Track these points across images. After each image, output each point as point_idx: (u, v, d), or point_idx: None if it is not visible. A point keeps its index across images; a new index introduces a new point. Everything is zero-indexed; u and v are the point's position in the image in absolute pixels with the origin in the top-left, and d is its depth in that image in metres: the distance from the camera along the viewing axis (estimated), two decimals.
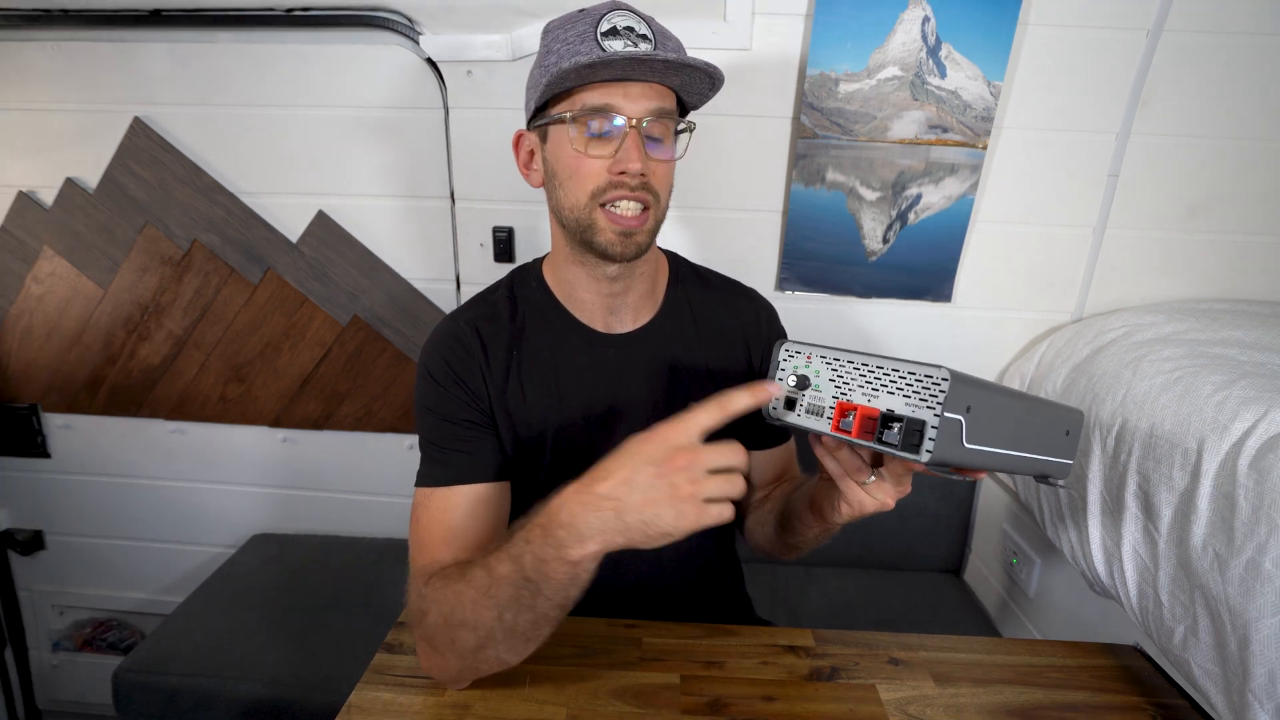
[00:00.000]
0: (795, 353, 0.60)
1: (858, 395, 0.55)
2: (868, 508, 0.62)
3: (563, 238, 0.77)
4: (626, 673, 0.73)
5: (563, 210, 0.73)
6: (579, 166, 0.70)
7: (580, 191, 0.70)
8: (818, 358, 0.59)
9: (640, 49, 0.67)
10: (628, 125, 0.68)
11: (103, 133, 1.34)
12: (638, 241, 0.72)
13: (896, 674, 0.75)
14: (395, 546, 1.55)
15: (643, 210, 0.71)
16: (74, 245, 1.43)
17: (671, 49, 0.70)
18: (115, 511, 1.63)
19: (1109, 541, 0.95)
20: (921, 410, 0.51)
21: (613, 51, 0.64)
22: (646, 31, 0.69)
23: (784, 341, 0.61)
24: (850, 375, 0.56)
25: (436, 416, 0.76)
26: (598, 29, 0.67)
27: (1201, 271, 1.28)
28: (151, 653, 1.21)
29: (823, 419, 0.57)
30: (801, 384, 0.59)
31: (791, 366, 0.60)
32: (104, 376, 1.51)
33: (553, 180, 0.74)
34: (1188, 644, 0.78)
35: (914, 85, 1.18)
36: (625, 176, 0.69)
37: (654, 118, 0.69)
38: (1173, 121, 1.19)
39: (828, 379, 0.58)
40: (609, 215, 0.70)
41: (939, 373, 0.51)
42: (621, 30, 0.68)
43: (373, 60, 1.27)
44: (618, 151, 0.68)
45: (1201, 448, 0.80)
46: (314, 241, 1.39)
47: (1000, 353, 1.37)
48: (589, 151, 0.69)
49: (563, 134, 0.70)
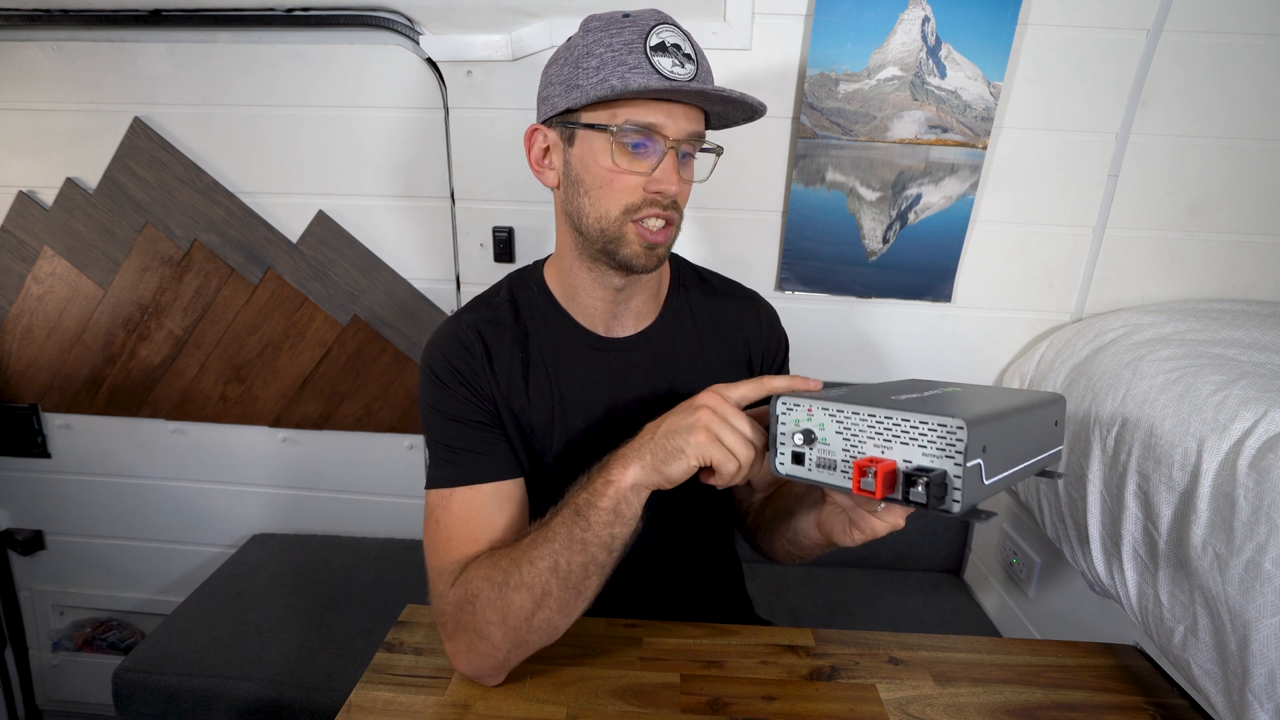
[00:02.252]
0: (793, 406, 0.58)
1: (869, 447, 0.53)
2: (879, 531, 0.62)
3: (573, 242, 0.76)
4: (627, 672, 0.74)
5: (585, 217, 0.72)
6: (614, 180, 0.69)
7: (612, 204, 0.70)
8: (819, 410, 0.56)
9: (685, 70, 0.67)
10: (667, 146, 0.68)
11: (103, 133, 1.34)
12: (659, 255, 0.73)
13: (896, 673, 0.75)
14: (395, 546, 1.55)
15: (666, 225, 0.72)
16: (74, 245, 1.42)
17: (706, 68, 0.71)
18: (115, 511, 1.63)
19: (1109, 541, 0.95)
20: (941, 460, 0.50)
21: (672, 76, 0.66)
22: (690, 51, 0.68)
23: (778, 397, 0.59)
24: (858, 428, 0.54)
25: (445, 417, 0.75)
26: (647, 42, 0.66)
27: (1201, 271, 1.28)
28: (151, 653, 1.21)
29: (837, 473, 0.56)
30: (808, 439, 0.57)
31: (793, 420, 0.58)
32: (104, 376, 1.51)
33: (576, 186, 0.72)
34: (1187, 644, 0.78)
35: (914, 85, 1.18)
36: (660, 195, 0.69)
37: (691, 139, 0.70)
38: (1172, 121, 1.19)
39: (834, 431, 0.56)
40: (639, 229, 0.70)
41: (954, 422, 0.49)
42: (670, 47, 0.67)
43: (373, 60, 1.27)
44: (655, 170, 0.69)
45: (1201, 448, 0.80)
46: (314, 241, 1.39)
47: (1000, 353, 1.37)
48: (628, 166, 0.69)
49: (597, 143, 0.69)
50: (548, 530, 0.64)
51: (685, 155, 0.72)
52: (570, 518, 0.62)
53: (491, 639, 0.66)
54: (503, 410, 0.77)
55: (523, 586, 0.63)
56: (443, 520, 0.72)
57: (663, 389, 0.81)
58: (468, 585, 0.66)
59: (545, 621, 0.65)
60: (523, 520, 0.76)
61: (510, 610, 0.64)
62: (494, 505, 0.73)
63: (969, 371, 1.38)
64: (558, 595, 0.63)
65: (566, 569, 0.63)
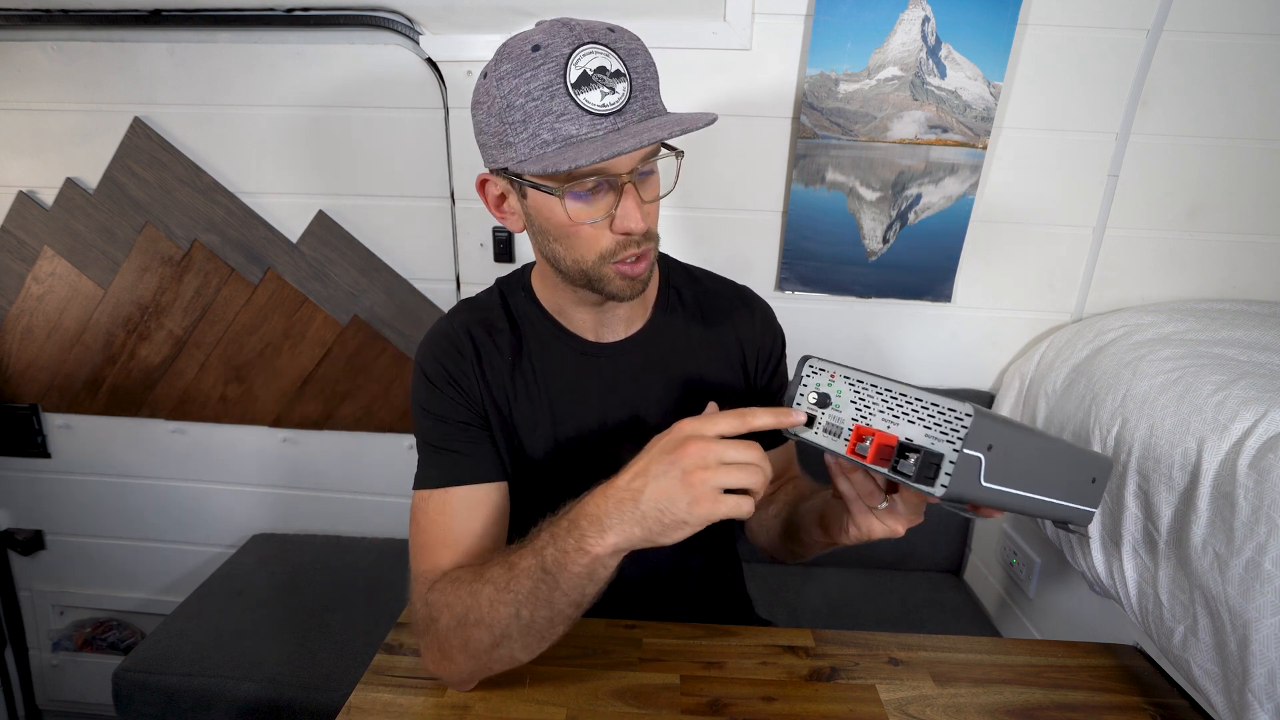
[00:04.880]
0: (819, 369, 0.59)
1: (877, 420, 0.54)
2: (876, 533, 0.61)
3: (552, 271, 0.73)
4: (626, 673, 0.74)
5: (561, 261, 0.69)
6: (578, 232, 0.66)
7: (585, 252, 0.67)
8: (841, 377, 0.58)
9: (617, 94, 0.60)
10: (622, 182, 0.63)
11: (103, 133, 1.34)
12: (644, 280, 0.70)
13: (896, 674, 0.75)
14: (395, 546, 1.55)
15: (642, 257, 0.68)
16: (74, 245, 1.42)
17: (643, 67, 0.63)
18: (115, 511, 1.63)
19: (1109, 542, 0.95)
20: (940, 443, 0.50)
21: (602, 110, 0.59)
22: (618, 66, 0.60)
23: (809, 357, 0.60)
24: (872, 399, 0.55)
25: (431, 417, 0.75)
26: (566, 79, 0.59)
27: (1201, 271, 1.28)
28: (151, 653, 1.21)
29: (839, 440, 0.56)
30: (822, 402, 0.58)
31: (814, 383, 0.59)
32: (104, 376, 1.51)
33: (544, 235, 0.69)
34: (1187, 644, 0.78)
35: (914, 85, 1.18)
36: (630, 235, 0.65)
37: (644, 165, 0.65)
38: (1172, 121, 1.19)
39: (849, 400, 0.57)
40: (618, 268, 0.67)
41: (963, 408, 0.49)
42: (594, 75, 0.59)
43: (373, 60, 1.27)
44: (615, 208, 0.64)
45: (1201, 448, 0.80)
46: (314, 241, 1.39)
47: (1000, 353, 1.37)
48: (583, 220, 0.65)
49: (549, 199, 0.64)
50: (512, 576, 0.60)
51: (644, 174, 0.66)
52: (536, 573, 0.58)
53: (454, 660, 0.65)
54: (490, 412, 0.77)
55: (482, 624, 0.61)
56: (421, 522, 0.72)
57: (654, 393, 0.81)
58: (432, 606, 0.65)
59: (507, 655, 0.64)
60: (500, 527, 0.75)
61: (471, 642, 0.63)
62: (468, 509, 0.72)
63: (968, 372, 1.38)
64: (519, 640, 0.62)
65: (530, 619, 0.60)
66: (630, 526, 0.55)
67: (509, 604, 0.60)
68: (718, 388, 0.83)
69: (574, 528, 0.57)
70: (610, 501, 0.56)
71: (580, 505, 0.59)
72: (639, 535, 0.55)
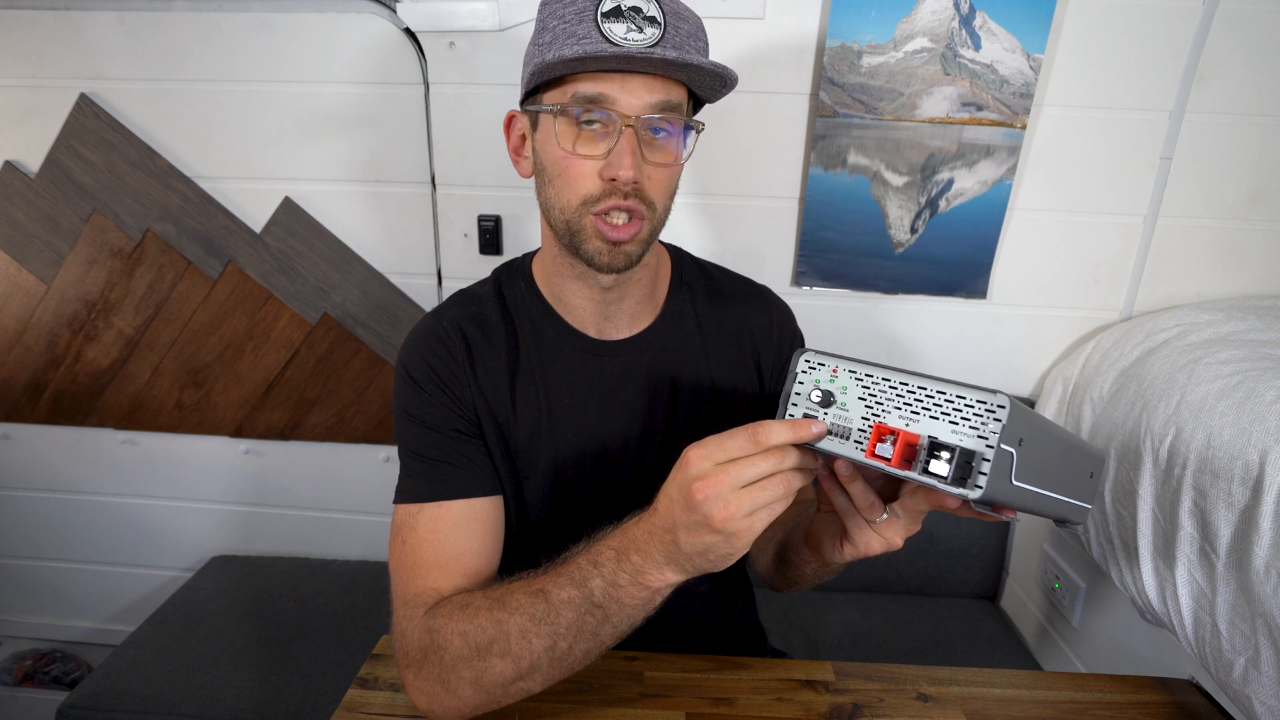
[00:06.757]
0: (818, 364, 0.57)
1: (893, 417, 0.53)
2: (874, 548, 0.61)
3: (552, 237, 0.76)
4: (626, 710, 0.74)
5: (551, 209, 0.73)
6: (568, 167, 0.69)
7: (570, 194, 0.69)
8: (845, 372, 0.56)
9: (645, 35, 0.64)
10: (623, 123, 0.66)
11: (45, 111, 1.35)
12: (627, 252, 0.71)
13: (926, 711, 0.75)
14: (370, 569, 1.55)
15: (630, 219, 0.69)
16: (13, 236, 1.43)
17: (687, 32, 0.68)
18: (60, 531, 1.64)
19: (1161, 565, 0.95)
20: (970, 439, 0.49)
21: (602, 46, 0.63)
22: (655, 13, 0.65)
23: (804, 351, 0.58)
24: (884, 394, 0.53)
25: (419, 424, 0.76)
26: (598, 7, 0.65)
27: (1263, 265, 1.28)
28: (99, 687, 1.21)
29: (850, 443, 0.54)
30: (825, 401, 0.56)
31: (813, 380, 0.57)
32: (47, 381, 1.52)
33: (541, 175, 0.73)
34: (1249, 677, 0.78)
35: (945, 58, 1.19)
36: (616, 184, 0.67)
37: (655, 113, 0.67)
38: (1231, 99, 1.19)
39: (856, 397, 0.55)
40: (598, 222, 0.69)
41: (995, 399, 0.48)
42: (626, 10, 0.65)
43: (345, 31, 1.27)
44: (609, 153, 0.67)
45: (1264, 460, 0.80)
46: (280, 231, 1.40)
47: (1041, 355, 1.37)
48: (578, 150, 0.67)
49: (551, 126, 0.69)
50: (550, 607, 0.61)
51: (660, 133, 0.69)
52: (582, 606, 0.60)
53: (459, 694, 0.65)
54: (484, 418, 0.77)
55: (508, 656, 0.62)
56: (409, 540, 0.72)
57: (662, 398, 0.81)
58: (436, 635, 0.65)
59: (523, 690, 0.64)
60: (496, 544, 0.76)
61: (488, 674, 0.63)
62: (464, 526, 0.73)
63: (1006, 376, 1.38)
64: (546, 671, 0.63)
65: (567, 652, 0.61)
66: (683, 563, 0.57)
67: (545, 636, 0.61)
68: (730, 393, 0.84)
69: (624, 561, 0.59)
70: (655, 541, 0.57)
71: (624, 536, 0.60)
72: (693, 570, 0.57)
